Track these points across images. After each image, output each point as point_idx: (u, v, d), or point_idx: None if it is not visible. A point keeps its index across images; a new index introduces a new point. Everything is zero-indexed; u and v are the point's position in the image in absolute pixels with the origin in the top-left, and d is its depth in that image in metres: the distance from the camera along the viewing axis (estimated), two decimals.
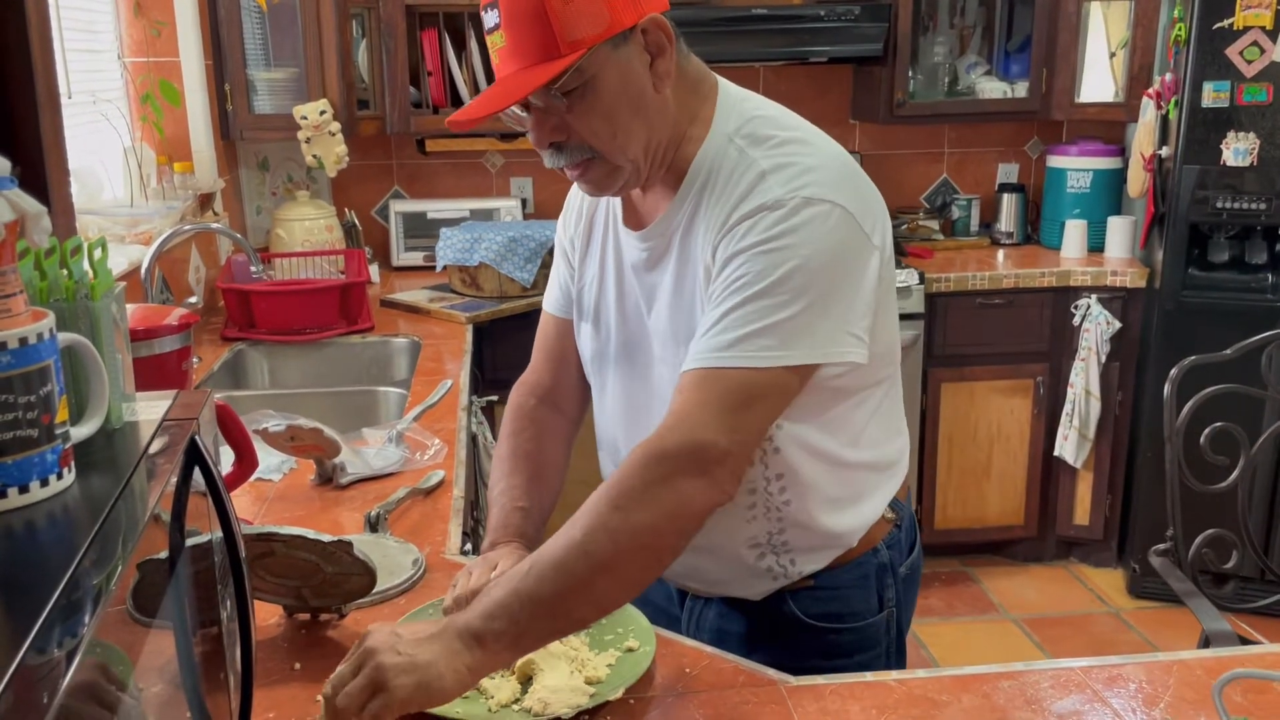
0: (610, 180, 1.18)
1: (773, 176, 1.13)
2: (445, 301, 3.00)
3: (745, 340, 1.09)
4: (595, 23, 1.09)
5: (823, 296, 1.10)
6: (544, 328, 1.45)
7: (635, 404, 1.30)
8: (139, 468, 0.79)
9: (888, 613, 1.32)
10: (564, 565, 1.02)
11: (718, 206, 1.16)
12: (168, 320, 1.51)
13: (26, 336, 0.70)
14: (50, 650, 0.56)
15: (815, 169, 1.13)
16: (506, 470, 1.35)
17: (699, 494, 1.07)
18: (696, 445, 1.07)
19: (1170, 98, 3.14)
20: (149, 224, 2.42)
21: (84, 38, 2.46)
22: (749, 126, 1.18)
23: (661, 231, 1.22)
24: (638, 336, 1.28)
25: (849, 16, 3.33)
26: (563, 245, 1.40)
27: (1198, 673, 1.15)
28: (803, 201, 1.10)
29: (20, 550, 0.67)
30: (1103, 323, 3.31)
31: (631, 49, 1.12)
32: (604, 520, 1.04)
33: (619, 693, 1.09)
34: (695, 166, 1.19)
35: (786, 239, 1.10)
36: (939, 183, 3.90)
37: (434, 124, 3.32)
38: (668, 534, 1.08)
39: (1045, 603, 3.40)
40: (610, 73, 1.11)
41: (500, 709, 1.06)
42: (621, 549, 1.04)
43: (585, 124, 1.13)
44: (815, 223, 1.10)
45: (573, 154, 1.16)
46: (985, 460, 3.48)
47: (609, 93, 1.12)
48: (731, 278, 1.12)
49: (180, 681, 0.80)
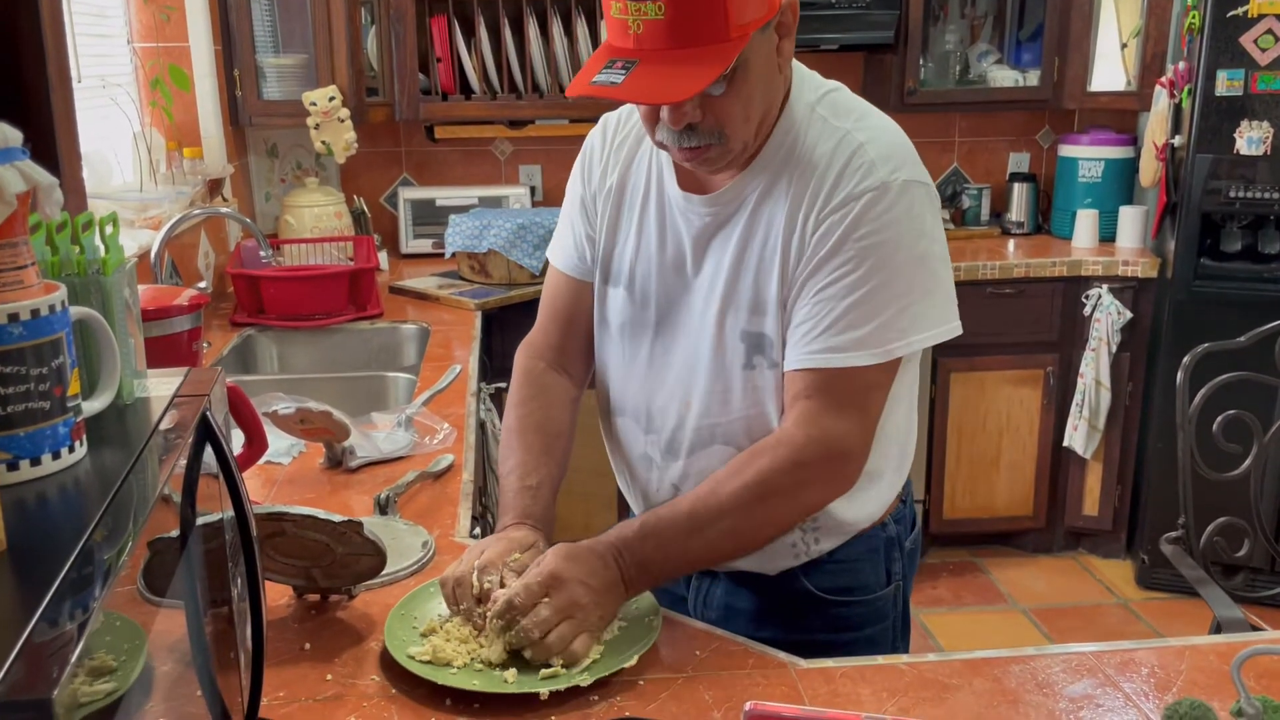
0: (724, 161, 1.17)
1: (871, 149, 1.15)
2: (454, 288, 3.00)
3: (866, 338, 1.14)
4: (759, 6, 1.07)
5: (930, 278, 1.16)
6: (553, 286, 1.40)
7: (671, 372, 1.28)
8: (150, 443, 0.78)
9: (895, 586, 1.34)
10: (714, 544, 1.19)
11: (808, 175, 1.16)
12: (178, 300, 1.51)
13: (38, 308, 0.69)
14: (61, 622, 0.56)
15: (900, 145, 1.18)
16: (517, 445, 1.33)
17: (834, 491, 1.22)
18: (835, 451, 1.18)
19: (1183, 86, 3.12)
20: (158, 209, 2.42)
21: (94, 22, 2.46)
22: (828, 99, 1.21)
23: (733, 198, 1.21)
24: (680, 302, 1.27)
25: (860, 4, 3.32)
26: (582, 199, 1.34)
27: (1210, 658, 1.14)
28: (903, 186, 1.14)
29: (32, 522, 0.67)
30: (1114, 313, 3.29)
31: (772, 32, 1.12)
32: (751, 511, 1.17)
33: (633, 660, 1.09)
34: (778, 135, 1.18)
35: (892, 230, 1.13)
36: (949, 172, 3.89)
37: (443, 111, 3.31)
38: (797, 520, 1.25)
39: (1054, 593, 3.39)
40: (758, 56, 1.11)
41: (516, 679, 1.06)
42: (761, 534, 1.22)
43: (728, 108, 1.11)
44: (915, 207, 1.15)
45: (704, 136, 1.13)
46: (994, 450, 3.47)
47: (757, 76, 1.12)
48: (841, 268, 1.14)
49: (190, 659, 0.80)
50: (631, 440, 1.34)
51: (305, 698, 1.08)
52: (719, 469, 1.24)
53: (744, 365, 1.22)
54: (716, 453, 1.26)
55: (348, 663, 1.14)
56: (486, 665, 1.09)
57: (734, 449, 1.24)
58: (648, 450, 1.32)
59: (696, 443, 1.27)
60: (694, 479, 1.27)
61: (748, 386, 1.22)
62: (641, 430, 1.32)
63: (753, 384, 1.22)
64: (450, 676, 1.07)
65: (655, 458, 1.31)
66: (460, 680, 1.06)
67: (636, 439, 1.33)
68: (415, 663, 1.09)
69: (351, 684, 1.10)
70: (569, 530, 3.18)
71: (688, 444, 1.27)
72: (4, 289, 0.69)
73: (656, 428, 1.30)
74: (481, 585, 1.13)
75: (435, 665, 1.08)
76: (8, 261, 0.70)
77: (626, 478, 1.39)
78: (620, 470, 1.40)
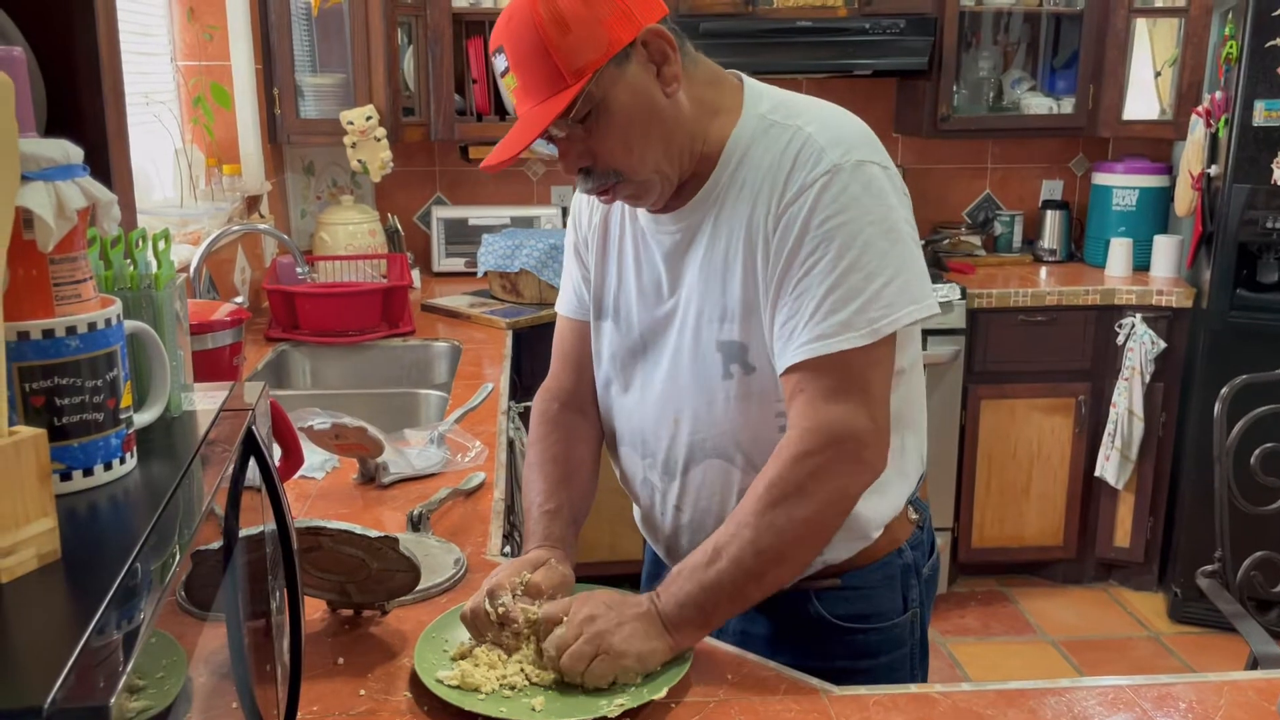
0: (643, 194, 1.21)
1: (819, 137, 1.16)
2: (485, 307, 3.02)
3: (851, 319, 1.12)
4: (594, 47, 1.11)
5: (900, 255, 1.14)
6: (561, 333, 1.45)
7: (661, 394, 1.29)
8: (197, 455, 0.80)
9: (912, 613, 1.33)
10: (739, 560, 1.13)
11: (764, 172, 1.18)
12: (220, 315, 1.53)
13: (95, 321, 0.71)
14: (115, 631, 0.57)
15: (852, 129, 1.18)
16: (535, 476, 1.36)
17: (854, 478, 1.16)
18: (840, 435, 1.13)
19: (1220, 116, 3.10)
20: (198, 224, 2.46)
21: (139, 40, 2.51)
22: (782, 106, 1.22)
23: (695, 211, 1.23)
24: (660, 325, 1.29)
25: (894, 30, 3.32)
26: (575, 248, 1.41)
27: (1249, 694, 1.12)
28: (855, 165, 1.14)
29: (84, 532, 0.68)
30: (1147, 342, 3.26)
31: (635, 63, 1.14)
32: (769, 519, 1.13)
33: (663, 692, 1.08)
34: (729, 148, 1.20)
35: (853, 209, 1.13)
36: (982, 198, 3.88)
37: (477, 131, 3.34)
38: (829, 519, 1.17)
39: (1084, 625, 3.35)
40: (619, 90, 1.14)
41: (544, 707, 1.06)
42: (788, 541, 1.14)
43: (605, 146, 1.16)
44: (873, 184, 1.14)
45: (599, 179, 1.19)
46: (1025, 479, 3.44)
47: (622, 110, 1.15)
48: (810, 258, 1.13)
49: (230, 672, 0.81)
50: (633, 468, 1.36)
51: (339, 712, 1.08)
52: (715, 484, 1.26)
53: (722, 375, 1.23)
54: (711, 467, 1.27)
55: (380, 678, 1.14)
56: (515, 691, 1.09)
57: (726, 461, 1.25)
58: (647, 474, 1.34)
59: (690, 459, 1.28)
60: (692, 497, 1.29)
61: (729, 396, 1.23)
62: (639, 455, 1.34)
63: (733, 393, 1.23)
64: (478, 702, 1.07)
65: (655, 480, 1.33)
66: (488, 707, 1.06)
67: (636, 466, 1.35)
68: (443, 687, 1.09)
69: (384, 700, 1.10)
70: (595, 550, 3.20)
71: (682, 461, 1.29)
72: (62, 302, 0.71)
73: (651, 450, 1.32)
74: (495, 610, 1.14)
75: (464, 691, 1.09)
76: (66, 275, 0.71)
77: (636, 508, 1.42)
78: (633, 501, 1.42)
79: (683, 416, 1.27)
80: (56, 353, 0.69)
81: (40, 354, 0.69)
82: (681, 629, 1.13)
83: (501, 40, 1.15)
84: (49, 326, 0.69)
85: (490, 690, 1.09)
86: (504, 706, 1.06)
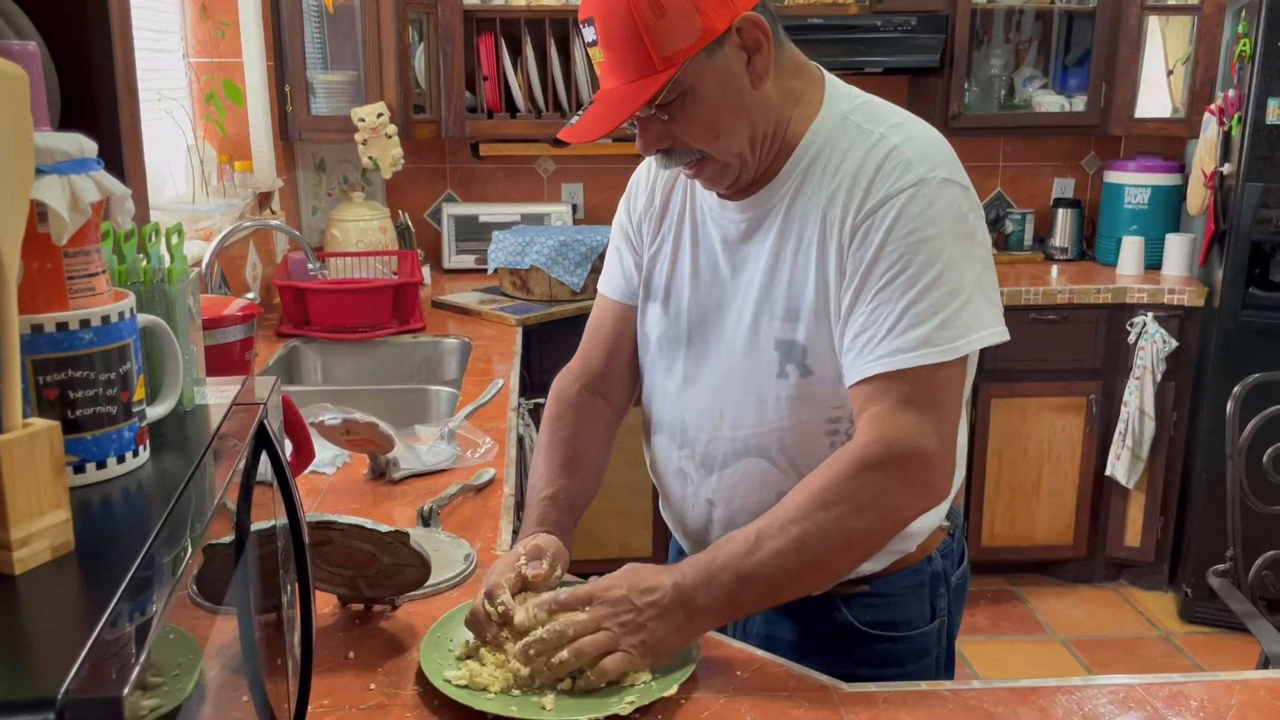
0: (723, 175, 1.19)
1: (906, 149, 1.14)
2: (496, 304, 3.02)
3: (931, 335, 1.10)
4: (688, 34, 1.09)
5: (978, 276, 1.13)
6: (600, 313, 1.42)
7: (708, 386, 1.27)
8: (210, 449, 0.80)
9: (939, 622, 1.31)
10: (781, 555, 1.09)
11: (842, 174, 1.16)
12: (232, 310, 1.53)
13: (109, 315, 0.71)
14: (128, 623, 0.57)
15: (939, 147, 1.16)
16: (541, 460, 1.34)
17: (915, 501, 1.14)
18: (906, 453, 1.10)
19: (1233, 114, 3.09)
20: (209, 220, 2.47)
21: (152, 37, 2.52)
22: (864, 107, 1.20)
23: (763, 202, 1.21)
24: (713, 313, 1.27)
25: (905, 27, 3.32)
26: (626, 229, 1.38)
27: (1261, 693, 1.12)
28: (941, 183, 1.12)
29: (97, 524, 0.68)
30: (1159, 341, 3.25)
31: (728, 51, 1.12)
32: (818, 520, 1.10)
33: (672, 688, 1.08)
34: (807, 141, 1.19)
35: (938, 225, 1.11)
36: (993, 196, 3.87)
37: (488, 128, 3.35)
38: (879, 537, 1.15)
39: (1094, 624, 3.34)
40: (707, 80, 1.12)
41: (554, 707, 1.06)
42: (834, 548, 1.12)
43: (687, 131, 1.14)
44: (958, 204, 1.13)
45: (682, 157, 1.18)
46: (1035, 478, 3.43)
47: (708, 99, 1.13)
48: (890, 269, 1.11)
49: (241, 665, 0.81)
50: (666, 457, 1.34)
51: (349, 706, 1.08)
52: (753, 483, 1.23)
53: (777, 374, 1.20)
54: (751, 466, 1.24)
55: (390, 673, 1.14)
56: (523, 690, 1.09)
57: (768, 462, 1.23)
58: (682, 465, 1.31)
59: (730, 455, 1.25)
60: (728, 493, 1.26)
61: (780, 396, 1.21)
62: (676, 445, 1.31)
63: (785, 394, 1.20)
64: (487, 702, 1.06)
65: (690, 472, 1.30)
66: (497, 706, 1.05)
67: (671, 455, 1.32)
68: (452, 687, 1.08)
69: (395, 694, 1.11)
70: (604, 547, 3.21)
71: (721, 457, 1.26)
72: (76, 295, 0.71)
73: (690, 441, 1.29)
74: (495, 610, 1.13)
75: (472, 690, 1.08)
76: (80, 269, 0.72)
77: (664, 497, 1.39)
78: (660, 490, 1.40)
79: (727, 411, 1.24)
80: (70, 346, 0.69)
81: (54, 347, 0.69)
82: (702, 613, 1.10)
83: (592, 11, 1.11)
84: (63, 319, 0.69)
85: (498, 689, 1.09)
86: (514, 705, 1.06)
